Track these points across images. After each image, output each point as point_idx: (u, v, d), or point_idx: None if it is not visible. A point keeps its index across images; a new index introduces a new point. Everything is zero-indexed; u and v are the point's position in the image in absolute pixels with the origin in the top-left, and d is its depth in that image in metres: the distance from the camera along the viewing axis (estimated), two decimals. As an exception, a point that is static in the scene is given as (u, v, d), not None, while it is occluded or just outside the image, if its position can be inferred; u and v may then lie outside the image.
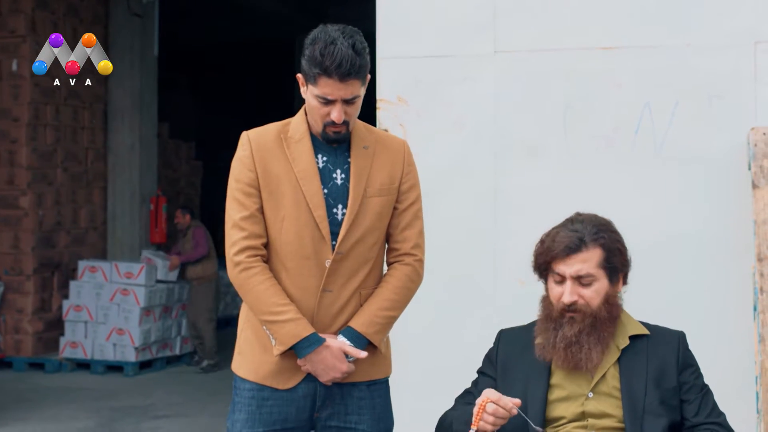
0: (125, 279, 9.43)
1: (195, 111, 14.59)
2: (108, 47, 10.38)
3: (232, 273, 2.88)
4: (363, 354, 2.85)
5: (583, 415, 2.66)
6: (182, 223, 9.86)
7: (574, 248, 2.70)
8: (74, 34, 9.99)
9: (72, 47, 4.66)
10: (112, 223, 10.49)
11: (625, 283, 2.79)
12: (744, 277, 3.90)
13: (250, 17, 12.77)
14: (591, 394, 2.69)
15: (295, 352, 2.84)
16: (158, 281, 9.64)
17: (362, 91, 2.89)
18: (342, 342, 2.85)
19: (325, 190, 2.90)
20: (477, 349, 4.28)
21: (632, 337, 2.73)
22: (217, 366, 9.58)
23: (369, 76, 2.92)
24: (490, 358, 2.90)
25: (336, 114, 2.84)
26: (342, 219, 2.89)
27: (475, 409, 2.56)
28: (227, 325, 12.15)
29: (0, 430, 6.93)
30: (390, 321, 2.94)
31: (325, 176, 2.91)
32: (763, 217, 3.81)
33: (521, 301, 4.21)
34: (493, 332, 4.26)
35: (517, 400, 2.57)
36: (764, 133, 3.87)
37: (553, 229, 2.81)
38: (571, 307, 2.69)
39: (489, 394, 2.58)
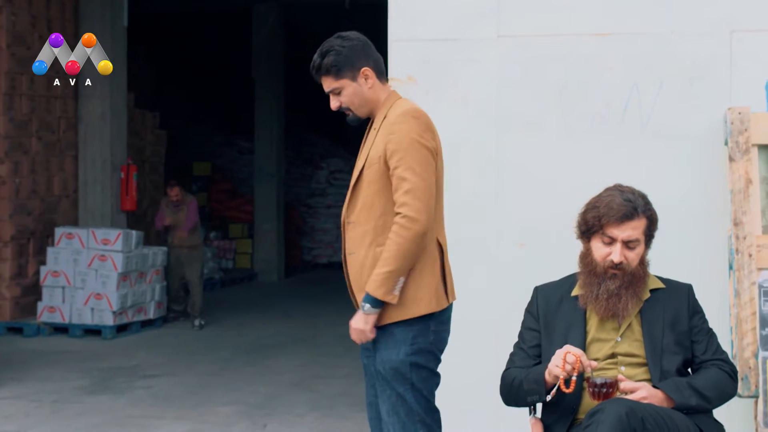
0: (102, 245, 9.71)
1: (152, 81, 14.74)
2: (78, 17, 10.59)
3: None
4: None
5: (613, 355, 3.16)
6: (179, 197, 10.58)
7: (629, 216, 3.18)
8: (48, 5, 10.18)
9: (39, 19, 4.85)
10: (84, 191, 10.71)
11: (650, 246, 3.27)
12: (721, 239, 4.42)
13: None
14: (619, 339, 3.18)
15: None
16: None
17: (344, 83, 3.49)
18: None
19: None
20: (481, 304, 4.76)
21: (651, 290, 3.22)
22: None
23: (363, 69, 3.49)
24: (531, 312, 3.36)
25: (331, 103, 3.56)
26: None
27: (561, 362, 3.01)
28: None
29: (-2, 389, 7.23)
30: (387, 276, 3.33)
31: None
32: (739, 187, 4.32)
33: (520, 262, 4.73)
34: (496, 289, 4.75)
35: (595, 363, 3.04)
36: (740, 113, 4.37)
37: (605, 196, 3.24)
38: (617, 266, 3.16)
39: (571, 348, 3.03)
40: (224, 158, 16.36)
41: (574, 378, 3.02)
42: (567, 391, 3.04)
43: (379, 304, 3.37)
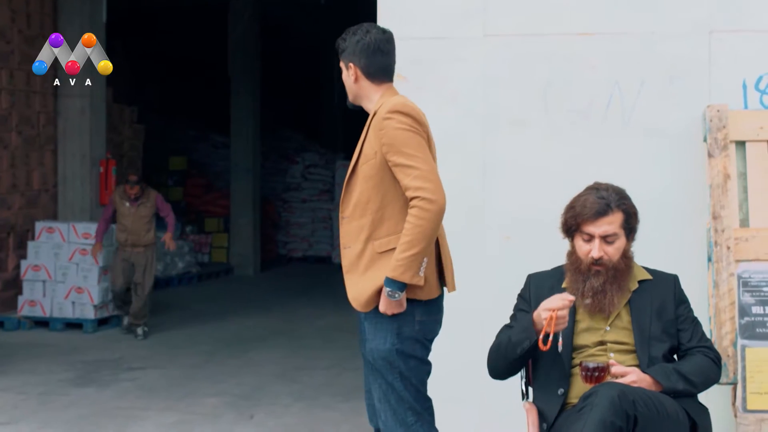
0: (83, 239, 9.75)
1: (129, 75, 14.75)
2: (57, 12, 10.61)
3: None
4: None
5: (602, 343, 3.32)
6: (137, 192, 9.42)
7: (602, 212, 3.33)
8: (27, 0, 10.20)
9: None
10: (63, 186, 10.75)
11: (634, 239, 3.42)
12: (700, 232, 4.59)
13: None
14: (608, 328, 3.34)
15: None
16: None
17: (342, 65, 3.76)
18: None
19: None
20: (467, 295, 4.90)
21: (639, 281, 3.38)
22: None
23: (349, 63, 3.71)
24: (524, 297, 3.52)
25: None
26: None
27: (546, 321, 3.20)
28: (167, 285, 12.69)
29: (-17, 382, 7.28)
30: (413, 259, 3.42)
31: None
32: (717, 182, 4.49)
33: (506, 256, 4.87)
34: (483, 283, 4.88)
35: (572, 297, 3.23)
36: (718, 110, 4.54)
37: (580, 196, 3.41)
38: (597, 261, 3.32)
39: (549, 304, 3.19)
40: (199, 153, 16.41)
41: (558, 339, 3.20)
42: (545, 348, 3.21)
43: (404, 287, 3.47)
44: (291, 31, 16.01)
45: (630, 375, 3.20)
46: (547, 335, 3.19)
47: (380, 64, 3.72)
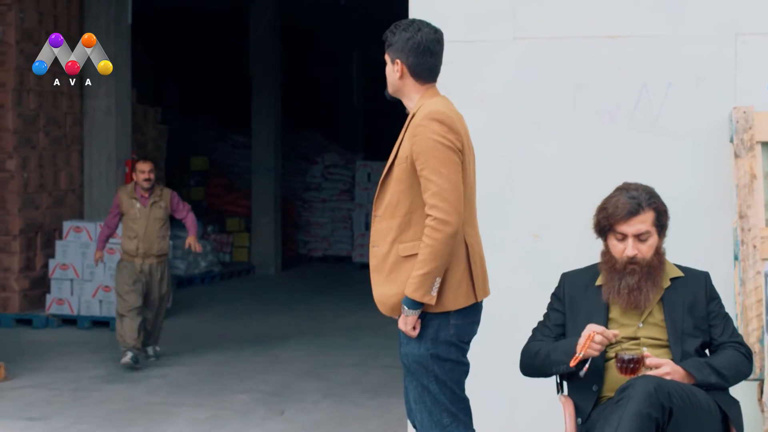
0: (110, 239, 9.87)
1: (151, 76, 14.91)
2: (84, 14, 10.75)
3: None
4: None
5: (636, 338, 3.42)
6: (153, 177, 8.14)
7: (634, 212, 3.44)
8: (54, 2, 10.36)
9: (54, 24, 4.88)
10: (89, 186, 10.90)
11: (665, 235, 3.52)
12: (727, 231, 4.68)
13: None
14: (641, 325, 3.44)
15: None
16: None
17: (387, 58, 3.73)
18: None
19: None
20: (498, 295, 5.00)
21: (671, 278, 3.48)
22: None
23: (396, 59, 3.68)
24: (557, 296, 3.62)
25: None
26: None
27: (582, 341, 3.27)
28: (190, 284, 12.81)
29: (16, 380, 7.40)
30: (424, 278, 3.45)
31: None
32: (744, 182, 4.58)
33: (537, 255, 4.97)
34: (512, 282, 4.98)
35: (617, 332, 3.30)
36: (744, 112, 4.63)
37: (611, 197, 3.51)
38: (632, 260, 3.42)
39: (594, 327, 3.29)
40: (219, 153, 16.53)
41: (585, 364, 3.30)
42: (581, 371, 3.31)
43: (418, 305, 3.49)
44: (312, 31, 16.13)
45: (664, 366, 3.30)
46: (582, 363, 3.30)
47: (428, 65, 3.69)
